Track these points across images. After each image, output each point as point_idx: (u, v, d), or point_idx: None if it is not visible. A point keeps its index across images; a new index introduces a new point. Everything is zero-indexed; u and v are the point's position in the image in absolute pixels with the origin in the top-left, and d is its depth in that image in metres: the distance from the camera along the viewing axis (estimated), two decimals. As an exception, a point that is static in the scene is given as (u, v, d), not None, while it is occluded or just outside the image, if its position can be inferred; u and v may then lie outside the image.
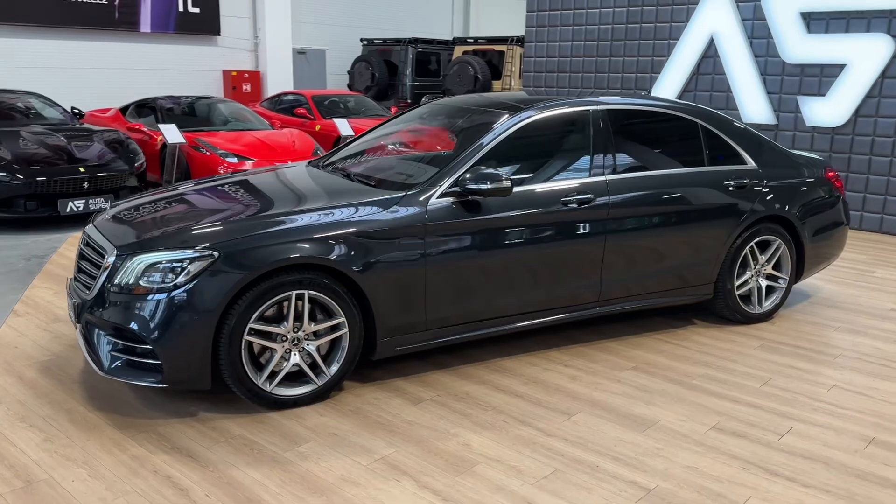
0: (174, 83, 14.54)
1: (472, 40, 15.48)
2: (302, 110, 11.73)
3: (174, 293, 3.19)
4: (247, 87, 15.47)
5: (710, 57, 9.00)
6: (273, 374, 3.43)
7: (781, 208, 4.77)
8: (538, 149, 4.25)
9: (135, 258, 3.28)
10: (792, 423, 3.47)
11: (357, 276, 3.47)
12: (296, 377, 3.52)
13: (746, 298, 4.86)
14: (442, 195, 3.74)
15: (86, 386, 3.69)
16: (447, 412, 3.51)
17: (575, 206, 4.06)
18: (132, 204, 4.05)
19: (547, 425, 3.41)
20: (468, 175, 3.77)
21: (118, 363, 3.30)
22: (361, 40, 16.84)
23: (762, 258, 4.85)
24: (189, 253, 3.24)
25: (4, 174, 7.04)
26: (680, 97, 9.24)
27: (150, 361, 3.24)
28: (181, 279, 3.20)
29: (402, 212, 3.64)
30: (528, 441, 3.25)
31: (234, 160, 8.31)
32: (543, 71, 10.81)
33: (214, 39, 15.10)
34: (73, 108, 9.73)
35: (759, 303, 4.90)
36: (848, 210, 5.31)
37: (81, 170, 7.42)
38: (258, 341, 3.35)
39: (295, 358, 3.45)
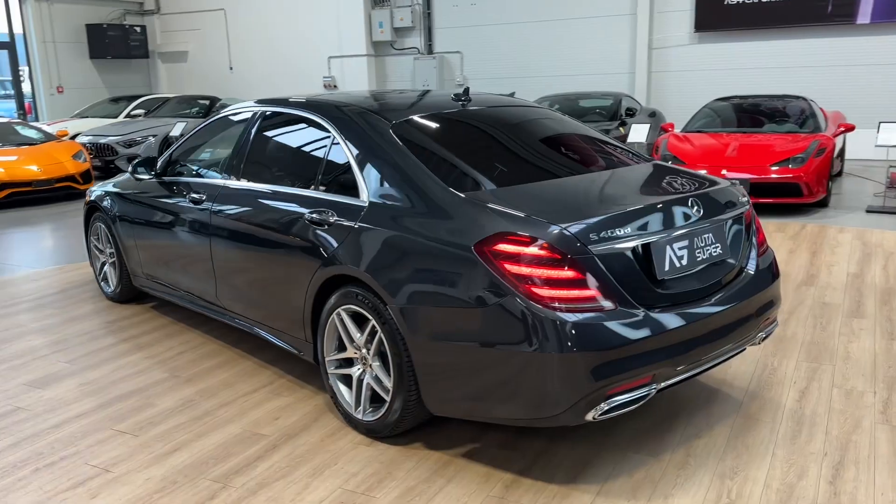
0: (902, 78, 12.45)
1: None
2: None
3: None
4: None
5: None
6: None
7: (355, 265, 3.02)
8: (211, 146, 4.42)
9: None
10: None
11: (112, 222, 5.06)
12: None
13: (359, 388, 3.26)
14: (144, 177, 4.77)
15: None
16: (95, 347, 4.77)
17: (191, 204, 4.21)
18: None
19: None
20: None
21: None
22: None
23: (359, 337, 3.13)
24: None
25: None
26: None
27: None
28: None
29: (133, 185, 4.89)
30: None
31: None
32: None
33: (971, 21, 11.87)
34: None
35: (364, 407, 3.18)
36: (550, 327, 2.52)
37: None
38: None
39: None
